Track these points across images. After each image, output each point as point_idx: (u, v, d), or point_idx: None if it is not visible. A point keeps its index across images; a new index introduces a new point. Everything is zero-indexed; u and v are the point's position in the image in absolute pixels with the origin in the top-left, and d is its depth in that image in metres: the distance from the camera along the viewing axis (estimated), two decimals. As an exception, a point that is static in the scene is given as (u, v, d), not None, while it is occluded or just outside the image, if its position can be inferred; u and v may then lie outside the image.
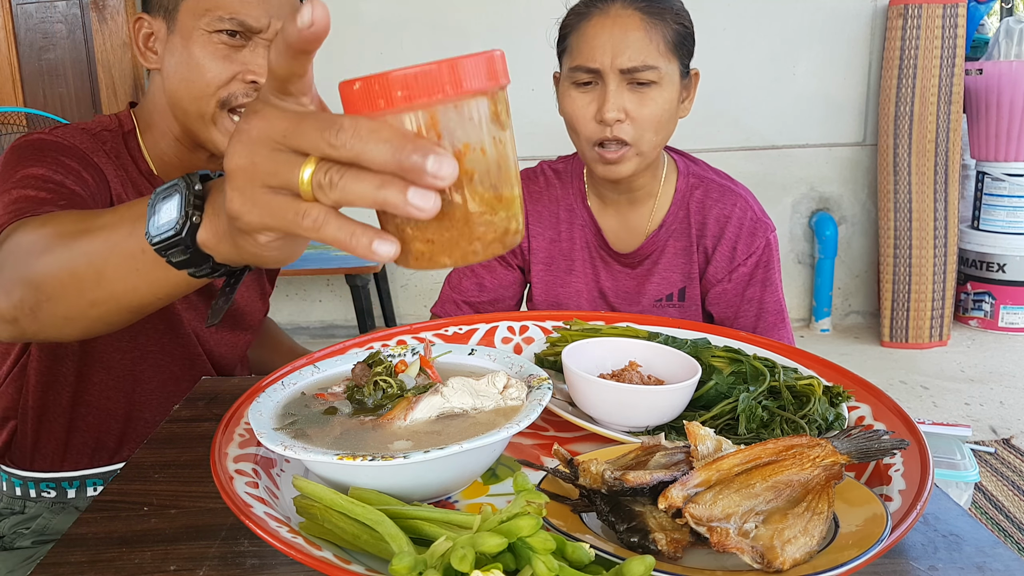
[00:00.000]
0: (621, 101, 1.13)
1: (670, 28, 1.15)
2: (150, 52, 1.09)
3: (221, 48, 1.04)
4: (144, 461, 0.81)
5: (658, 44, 1.14)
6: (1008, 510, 2.13)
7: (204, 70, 1.04)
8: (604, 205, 1.31)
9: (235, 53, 1.05)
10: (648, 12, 1.14)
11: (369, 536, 0.58)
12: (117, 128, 1.12)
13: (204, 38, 1.04)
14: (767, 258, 1.26)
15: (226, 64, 1.04)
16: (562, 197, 1.32)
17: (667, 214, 1.27)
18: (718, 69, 3.53)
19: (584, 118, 1.17)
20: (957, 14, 3.27)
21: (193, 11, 1.04)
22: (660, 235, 1.28)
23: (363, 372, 0.78)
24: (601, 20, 1.15)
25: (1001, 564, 0.61)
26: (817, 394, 0.79)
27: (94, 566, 0.63)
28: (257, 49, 1.06)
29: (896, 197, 3.39)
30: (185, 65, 1.05)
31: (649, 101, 1.14)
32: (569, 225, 1.32)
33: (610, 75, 1.13)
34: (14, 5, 3.35)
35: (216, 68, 1.04)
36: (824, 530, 0.58)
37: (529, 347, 1.01)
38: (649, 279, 1.29)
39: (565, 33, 1.21)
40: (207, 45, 1.04)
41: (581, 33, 1.17)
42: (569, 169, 1.34)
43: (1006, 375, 3.08)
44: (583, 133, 1.18)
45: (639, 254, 1.29)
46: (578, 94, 1.17)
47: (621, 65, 1.12)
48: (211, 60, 1.04)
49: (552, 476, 0.70)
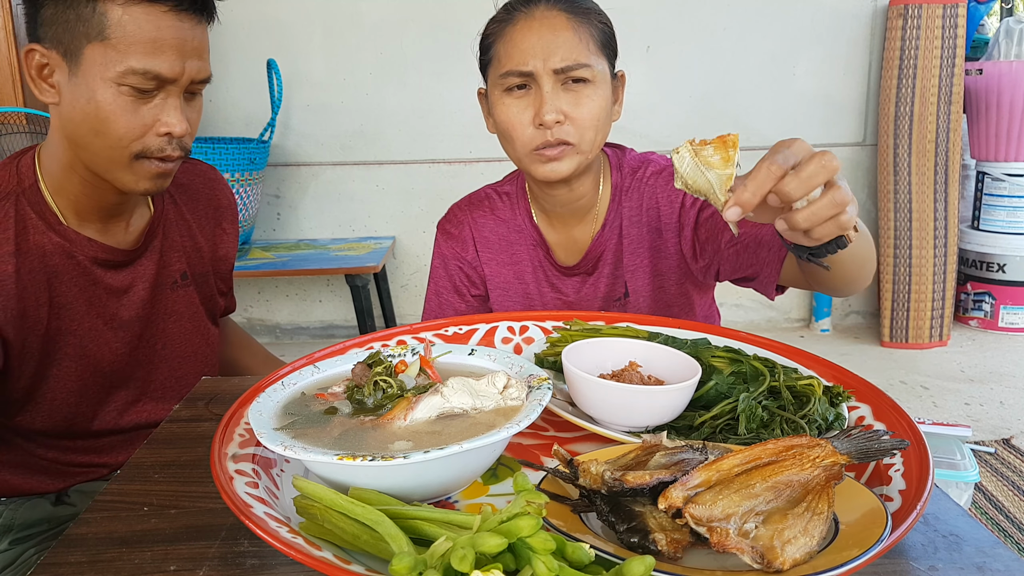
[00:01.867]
0: (558, 102, 1.10)
1: (596, 27, 1.14)
2: (46, 85, 1.00)
3: (131, 101, 0.97)
4: (144, 461, 0.81)
5: (587, 43, 1.11)
6: (1008, 510, 2.13)
7: (115, 124, 0.97)
8: (549, 220, 1.29)
9: (145, 105, 0.98)
10: (573, 12, 1.12)
11: (369, 536, 0.58)
12: (15, 187, 1.06)
13: (112, 89, 0.96)
14: None
15: (137, 118, 0.98)
16: (510, 219, 1.31)
17: (607, 213, 1.25)
18: (718, 69, 3.54)
19: (521, 124, 1.12)
20: (957, 14, 3.27)
21: (101, 59, 0.95)
22: (602, 237, 1.26)
23: (363, 372, 0.78)
24: (527, 23, 1.12)
25: (1001, 564, 0.61)
26: (817, 394, 0.79)
27: (94, 566, 0.63)
28: (169, 100, 0.99)
29: (896, 197, 3.39)
30: (93, 115, 0.97)
31: (585, 100, 1.11)
32: (519, 246, 1.30)
33: (544, 77, 1.10)
34: (14, 5, 3.35)
35: (128, 122, 0.97)
36: (824, 530, 0.58)
37: (529, 347, 1.01)
38: (599, 284, 1.27)
39: (489, 43, 1.17)
40: (117, 97, 0.96)
41: (507, 39, 1.13)
42: (514, 190, 1.32)
43: (1006, 375, 3.08)
44: (520, 140, 1.13)
45: (584, 263, 1.27)
46: (512, 100, 1.13)
47: (555, 65, 1.09)
48: (122, 114, 0.97)
49: (552, 476, 0.70)
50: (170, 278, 1.21)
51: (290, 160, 3.51)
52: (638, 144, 1.40)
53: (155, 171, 1.03)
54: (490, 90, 1.18)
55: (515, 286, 1.31)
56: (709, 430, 0.80)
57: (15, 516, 1.15)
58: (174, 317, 1.23)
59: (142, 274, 1.17)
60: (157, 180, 1.04)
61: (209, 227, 1.30)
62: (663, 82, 3.45)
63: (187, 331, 1.25)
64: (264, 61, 3.18)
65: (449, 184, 3.52)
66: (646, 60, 3.44)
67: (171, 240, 1.22)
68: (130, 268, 1.16)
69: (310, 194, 3.56)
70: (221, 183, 1.34)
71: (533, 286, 1.30)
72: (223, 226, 1.32)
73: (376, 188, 3.57)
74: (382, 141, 3.52)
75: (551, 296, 1.30)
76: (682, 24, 3.46)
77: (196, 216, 1.27)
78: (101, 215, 1.11)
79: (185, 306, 1.24)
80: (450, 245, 1.32)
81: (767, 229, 1.11)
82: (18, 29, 3.37)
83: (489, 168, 3.44)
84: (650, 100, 3.40)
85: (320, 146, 3.51)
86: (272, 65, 3.12)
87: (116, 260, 1.14)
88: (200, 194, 1.29)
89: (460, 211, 1.34)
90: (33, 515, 1.16)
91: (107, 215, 1.12)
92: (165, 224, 1.21)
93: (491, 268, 1.32)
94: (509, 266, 1.31)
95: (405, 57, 3.45)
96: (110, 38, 0.94)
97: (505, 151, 1.20)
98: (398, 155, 3.55)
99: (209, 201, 1.30)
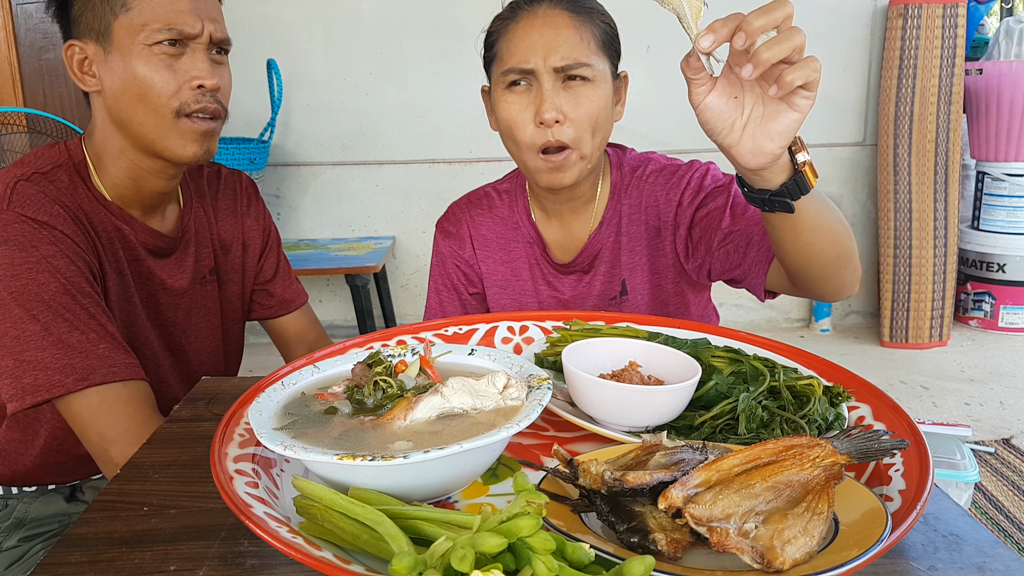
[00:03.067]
0: (558, 101, 1.10)
1: (598, 27, 1.14)
2: (88, 76, 1.09)
3: (163, 59, 1.05)
4: (144, 461, 0.81)
5: (589, 42, 1.12)
6: (1008, 510, 2.14)
7: (153, 84, 1.05)
8: (547, 217, 1.29)
9: (176, 62, 1.06)
10: (576, 11, 1.13)
11: (369, 536, 0.58)
12: (67, 160, 1.11)
13: (145, 52, 1.05)
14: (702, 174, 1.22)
15: (171, 74, 1.06)
16: (508, 216, 1.31)
17: (605, 211, 1.26)
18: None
19: (523, 122, 1.13)
20: (957, 14, 3.27)
21: (128, 29, 1.04)
22: (600, 234, 1.26)
23: (363, 372, 0.78)
24: (530, 21, 1.12)
25: (1001, 564, 0.61)
26: (817, 394, 0.79)
27: (94, 566, 0.63)
28: (196, 54, 1.08)
29: (896, 197, 3.39)
30: (132, 82, 1.05)
31: (584, 99, 1.11)
32: (515, 244, 1.31)
33: (544, 75, 1.10)
34: (14, 5, 3.35)
35: (164, 80, 1.05)
36: (824, 530, 0.58)
37: (529, 347, 1.01)
38: (595, 282, 1.27)
39: (492, 40, 1.18)
40: (149, 59, 1.05)
41: (510, 36, 1.14)
42: (513, 187, 1.32)
43: (1006, 375, 3.09)
44: (523, 139, 1.14)
45: (580, 260, 1.27)
46: (514, 97, 1.14)
47: (555, 63, 1.10)
48: (156, 73, 1.05)
49: (552, 476, 0.70)
50: (200, 272, 1.25)
51: (290, 160, 3.51)
52: (638, 144, 1.40)
53: (199, 130, 1.09)
54: (493, 87, 1.19)
55: (512, 283, 1.31)
56: (709, 430, 0.80)
57: (28, 510, 1.15)
58: (203, 312, 1.25)
59: (181, 265, 1.21)
60: (203, 140, 1.10)
61: (234, 213, 1.32)
62: (663, 82, 3.44)
63: (213, 327, 1.28)
64: (264, 61, 3.18)
65: (449, 184, 3.52)
66: (646, 60, 3.44)
67: (201, 235, 1.25)
68: (173, 257, 1.20)
69: (310, 194, 3.56)
70: (234, 172, 1.37)
71: (529, 283, 1.30)
72: (248, 207, 1.34)
73: (376, 188, 3.57)
74: (382, 141, 3.52)
75: (547, 294, 1.30)
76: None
77: (219, 209, 1.30)
78: (143, 205, 1.16)
79: (212, 302, 1.27)
80: (448, 243, 1.33)
81: (757, 230, 1.11)
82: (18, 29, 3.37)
83: (489, 168, 3.44)
84: (650, 100, 3.40)
85: (320, 146, 3.51)
86: (272, 65, 3.12)
87: (163, 247, 1.18)
88: (219, 188, 1.32)
89: (459, 209, 1.34)
90: (46, 510, 1.16)
91: (149, 205, 1.16)
92: (195, 219, 1.25)
93: (488, 266, 1.32)
94: (506, 264, 1.31)
95: (405, 57, 3.45)
96: (132, 8, 1.04)
97: (507, 149, 1.20)
98: (398, 155, 3.55)
99: (227, 189, 1.33)
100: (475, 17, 1.60)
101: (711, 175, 1.22)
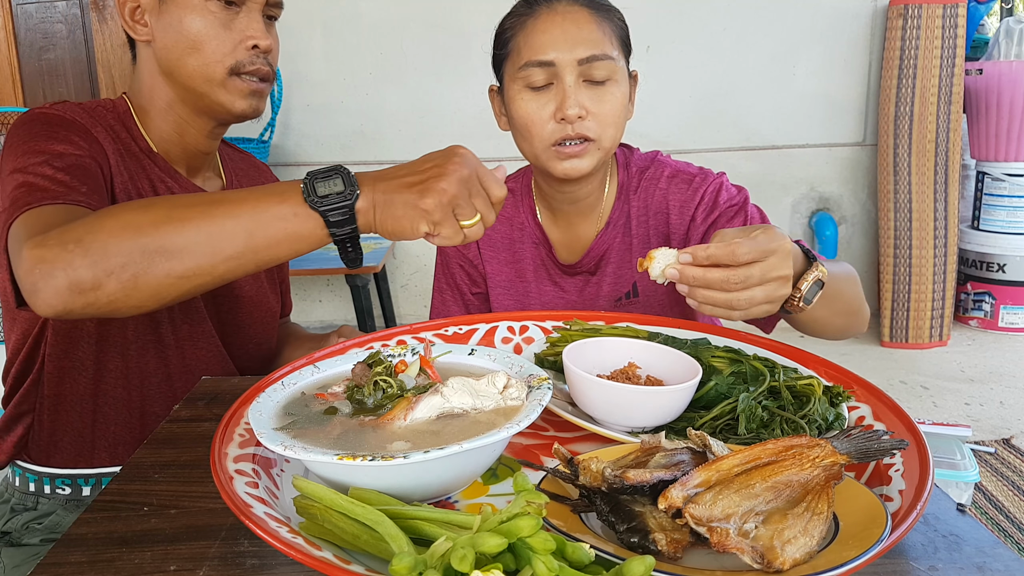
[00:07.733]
0: (580, 97, 1.09)
1: (616, 25, 1.14)
2: (139, 25, 1.10)
3: (220, 16, 1.07)
4: (144, 461, 0.81)
5: (610, 38, 1.12)
6: (1008, 510, 2.14)
7: (208, 40, 1.07)
8: (553, 217, 1.28)
9: (232, 20, 1.07)
10: (596, 8, 1.13)
11: (369, 536, 0.58)
12: (113, 108, 1.13)
13: (201, 7, 1.06)
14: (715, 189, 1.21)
15: (227, 32, 1.07)
16: (513, 216, 1.30)
17: (612, 211, 1.25)
18: (718, 69, 3.54)
19: (541, 120, 1.11)
20: (957, 14, 3.27)
21: None
22: (607, 235, 1.25)
23: (363, 372, 0.78)
24: (550, 16, 1.11)
25: (1001, 564, 0.61)
26: (817, 394, 0.79)
27: (94, 566, 0.63)
28: (252, 14, 1.09)
29: (896, 197, 3.39)
30: (187, 36, 1.07)
31: (608, 96, 1.11)
32: (521, 244, 1.30)
33: (567, 69, 1.09)
34: (14, 5, 3.35)
35: (219, 38, 1.07)
36: (824, 530, 0.58)
37: (529, 347, 1.01)
38: (603, 283, 1.26)
39: (507, 37, 1.16)
40: (205, 15, 1.06)
41: (529, 31, 1.12)
42: (520, 187, 1.31)
43: (1006, 375, 3.08)
44: (539, 136, 1.12)
45: (586, 261, 1.26)
46: (532, 96, 1.12)
47: (579, 55, 1.08)
48: (212, 30, 1.06)
49: (552, 476, 0.70)
50: None
51: (290, 160, 3.51)
52: (638, 144, 1.40)
53: (248, 88, 1.10)
54: (507, 85, 1.17)
55: (516, 284, 1.31)
56: (709, 430, 0.80)
57: (62, 519, 1.12)
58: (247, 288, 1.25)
59: None
60: (251, 99, 1.11)
61: None
62: (663, 82, 3.45)
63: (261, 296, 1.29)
64: (264, 61, 3.17)
65: (449, 184, 3.52)
66: (646, 60, 3.42)
67: None
68: None
69: (310, 194, 3.55)
70: (268, 171, 1.38)
71: (534, 284, 1.30)
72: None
73: (376, 188, 3.57)
74: (382, 141, 3.52)
75: (552, 294, 1.30)
76: (682, 24, 3.46)
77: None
78: (188, 163, 1.17)
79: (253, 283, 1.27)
80: None
81: None
82: (18, 29, 3.37)
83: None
84: (650, 100, 3.39)
85: (320, 146, 3.51)
86: (272, 65, 3.12)
87: None
88: (253, 180, 1.32)
89: None
90: (70, 518, 1.15)
91: (192, 166, 1.18)
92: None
93: (492, 266, 1.31)
94: (510, 264, 1.31)
95: (405, 57, 3.45)
96: None
97: (519, 148, 1.19)
98: (398, 155, 3.55)
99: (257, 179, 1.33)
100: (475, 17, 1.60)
101: (725, 190, 1.21)
